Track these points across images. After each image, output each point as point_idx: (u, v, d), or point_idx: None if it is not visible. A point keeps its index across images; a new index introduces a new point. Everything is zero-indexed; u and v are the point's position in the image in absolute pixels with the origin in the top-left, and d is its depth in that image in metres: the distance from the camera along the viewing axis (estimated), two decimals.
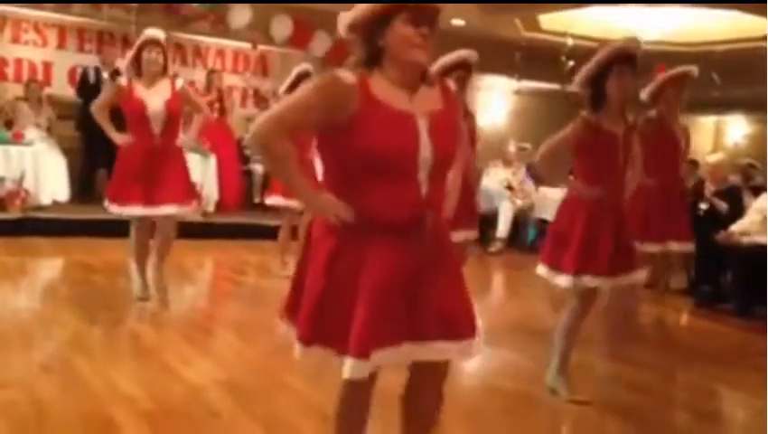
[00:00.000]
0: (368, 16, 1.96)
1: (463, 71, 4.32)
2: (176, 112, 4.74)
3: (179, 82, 4.82)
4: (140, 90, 4.65)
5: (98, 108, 4.84)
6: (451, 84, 2.18)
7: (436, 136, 1.98)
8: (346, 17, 2.00)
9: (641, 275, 3.58)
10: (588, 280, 3.47)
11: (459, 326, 2.05)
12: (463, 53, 4.32)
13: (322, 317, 1.98)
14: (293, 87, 5.97)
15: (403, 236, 1.96)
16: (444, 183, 2.10)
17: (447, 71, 4.27)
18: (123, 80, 4.75)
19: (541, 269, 3.70)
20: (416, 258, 1.99)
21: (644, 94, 4.65)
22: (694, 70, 4.66)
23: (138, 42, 4.72)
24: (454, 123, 2.11)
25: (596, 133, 3.44)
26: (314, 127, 2.02)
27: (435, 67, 4.21)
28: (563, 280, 3.53)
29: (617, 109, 3.47)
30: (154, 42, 4.67)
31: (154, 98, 4.63)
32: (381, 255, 1.95)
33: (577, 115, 3.56)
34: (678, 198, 4.92)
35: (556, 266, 3.58)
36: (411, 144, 1.95)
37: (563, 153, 3.60)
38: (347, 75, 1.95)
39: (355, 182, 1.96)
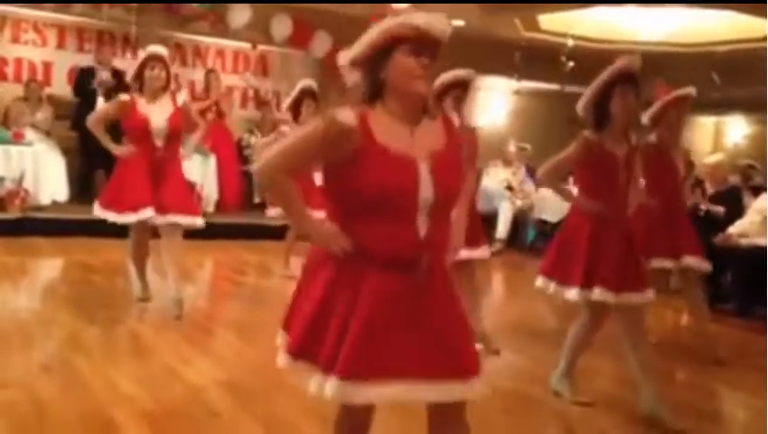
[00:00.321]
0: (370, 49, 1.97)
1: (459, 90, 4.31)
2: (178, 128, 4.76)
3: (180, 98, 4.82)
4: (143, 106, 4.65)
5: (94, 121, 4.82)
6: (455, 119, 2.17)
7: (438, 177, 1.97)
8: (348, 53, 2.02)
9: (649, 295, 3.53)
10: (597, 293, 3.43)
11: (465, 364, 2.03)
12: (460, 73, 4.28)
13: (312, 338, 1.99)
14: (296, 103, 6.01)
15: (400, 271, 1.96)
16: (447, 222, 2.09)
17: (445, 90, 4.25)
18: (125, 97, 4.75)
19: (541, 282, 3.69)
20: (413, 293, 1.98)
21: (645, 118, 4.60)
22: (693, 91, 4.59)
23: (141, 59, 4.73)
24: (457, 160, 2.09)
25: (598, 153, 3.44)
26: (316, 163, 2.05)
27: (434, 85, 4.20)
28: (572, 294, 3.49)
29: (620, 130, 3.47)
30: (156, 59, 4.69)
31: (157, 113, 4.64)
32: (377, 285, 1.95)
33: (575, 117, 3.57)
34: (682, 217, 4.83)
35: (562, 280, 3.55)
36: (410, 186, 1.94)
37: (564, 171, 3.62)
38: (347, 116, 1.94)
39: (355, 216, 1.97)
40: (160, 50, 4.75)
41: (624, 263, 3.46)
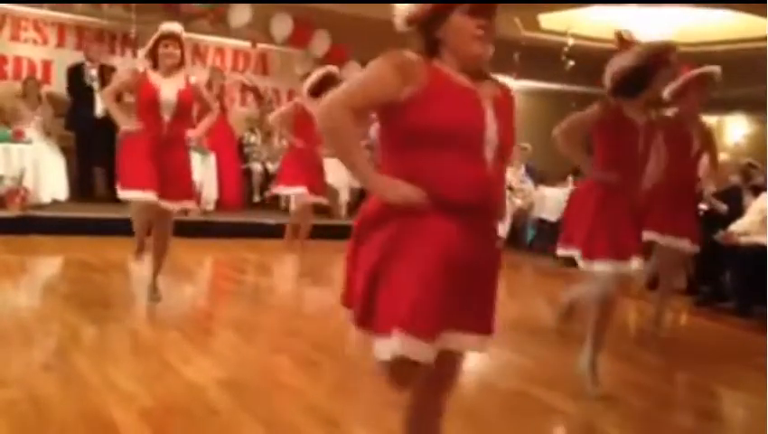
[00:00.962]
0: (426, 8, 1.95)
1: None
2: (188, 103, 4.74)
3: (193, 78, 4.83)
4: (155, 78, 4.64)
5: (108, 92, 4.87)
6: (509, 85, 2.14)
7: (500, 119, 1.98)
8: (403, 10, 1.99)
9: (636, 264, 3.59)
10: (597, 265, 3.47)
11: (488, 321, 2.06)
12: None
13: (375, 298, 1.93)
14: (320, 83, 5.98)
15: (467, 216, 1.94)
16: (503, 172, 2.07)
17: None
18: (140, 67, 4.75)
19: (560, 250, 3.73)
20: (476, 244, 1.96)
21: (666, 92, 4.61)
22: (717, 70, 4.61)
23: (155, 37, 4.69)
24: (513, 115, 2.10)
25: (617, 117, 3.46)
26: (381, 104, 1.96)
27: None
28: (606, 267, 3.50)
29: (646, 102, 3.50)
30: (170, 37, 4.65)
31: (168, 86, 4.63)
32: (443, 237, 1.91)
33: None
34: (688, 199, 4.83)
35: (591, 254, 3.55)
36: (478, 119, 1.94)
37: (581, 132, 3.59)
38: (411, 54, 1.94)
39: (421, 160, 1.93)
40: (174, 27, 4.69)
41: (626, 232, 3.48)
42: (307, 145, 5.90)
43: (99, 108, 8.12)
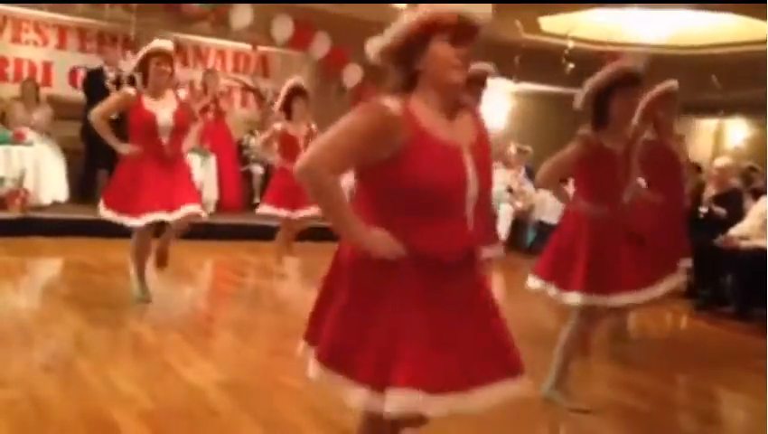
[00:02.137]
0: (404, 39, 1.85)
1: (479, 85, 4.23)
2: (184, 122, 4.78)
3: (181, 93, 4.83)
4: (149, 102, 4.65)
5: (98, 116, 4.73)
6: (479, 111, 2.05)
7: (480, 169, 1.91)
8: (378, 43, 1.88)
9: (666, 285, 3.61)
10: (610, 299, 3.45)
11: (515, 362, 2.02)
12: (480, 67, 4.20)
13: (349, 348, 1.90)
14: (287, 101, 6.09)
15: (449, 271, 1.90)
16: (482, 219, 2.01)
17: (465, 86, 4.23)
18: (131, 90, 4.74)
19: (539, 284, 3.67)
20: (461, 296, 1.93)
21: (635, 119, 4.62)
22: (674, 85, 4.61)
23: (146, 52, 4.69)
24: (489, 154, 2.02)
25: (597, 151, 3.43)
26: (360, 160, 1.89)
27: None
28: (573, 298, 3.49)
29: (618, 129, 3.46)
30: (162, 54, 4.65)
31: (163, 110, 4.65)
32: (425, 292, 1.88)
33: (574, 120, 3.57)
34: (681, 215, 4.90)
35: (562, 284, 3.54)
36: (461, 178, 1.87)
37: (563, 173, 3.62)
38: (392, 104, 1.83)
39: (402, 217, 1.87)
40: (166, 45, 4.70)
41: (629, 261, 3.46)
42: (293, 164, 5.92)
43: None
